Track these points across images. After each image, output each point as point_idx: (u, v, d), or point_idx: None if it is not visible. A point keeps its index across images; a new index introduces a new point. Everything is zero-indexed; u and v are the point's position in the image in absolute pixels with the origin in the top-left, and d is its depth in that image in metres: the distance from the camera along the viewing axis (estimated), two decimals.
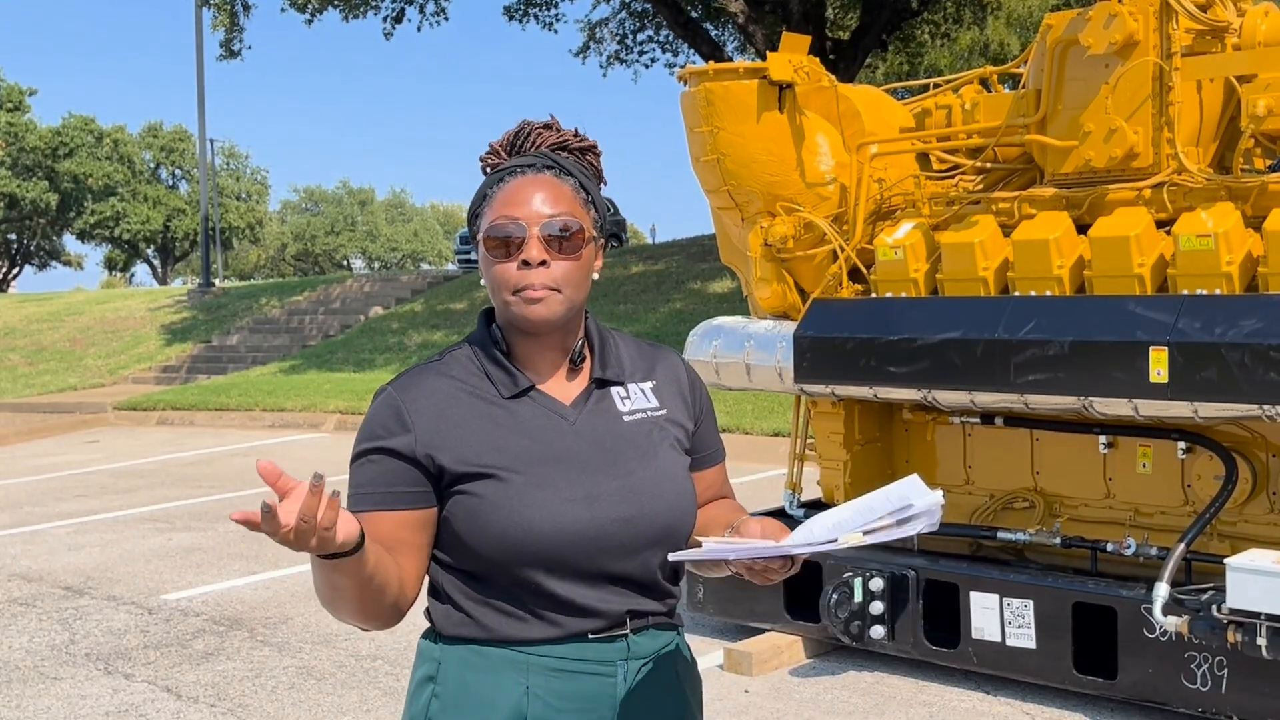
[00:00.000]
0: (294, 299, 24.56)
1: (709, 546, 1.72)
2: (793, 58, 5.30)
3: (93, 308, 27.35)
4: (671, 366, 2.01)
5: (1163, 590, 4.38)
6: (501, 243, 1.82)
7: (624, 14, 25.48)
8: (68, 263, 63.20)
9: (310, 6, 21.42)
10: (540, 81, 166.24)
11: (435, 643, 1.87)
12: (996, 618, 4.85)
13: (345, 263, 73.63)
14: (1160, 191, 4.74)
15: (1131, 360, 4.39)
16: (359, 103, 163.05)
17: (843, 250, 5.37)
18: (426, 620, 1.91)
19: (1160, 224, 4.72)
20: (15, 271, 58.63)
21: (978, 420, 5.34)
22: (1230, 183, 4.60)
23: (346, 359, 19.27)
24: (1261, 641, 4.08)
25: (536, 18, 24.35)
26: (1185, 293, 4.46)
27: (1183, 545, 4.50)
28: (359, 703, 5.21)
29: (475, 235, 1.89)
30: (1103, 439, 5.05)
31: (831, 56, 19.79)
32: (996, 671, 4.94)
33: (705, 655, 5.39)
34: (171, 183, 59.75)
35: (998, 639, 4.86)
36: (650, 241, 43.35)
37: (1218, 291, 4.41)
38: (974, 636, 4.93)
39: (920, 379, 4.95)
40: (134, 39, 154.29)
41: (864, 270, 5.41)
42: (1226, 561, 4.14)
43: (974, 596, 4.91)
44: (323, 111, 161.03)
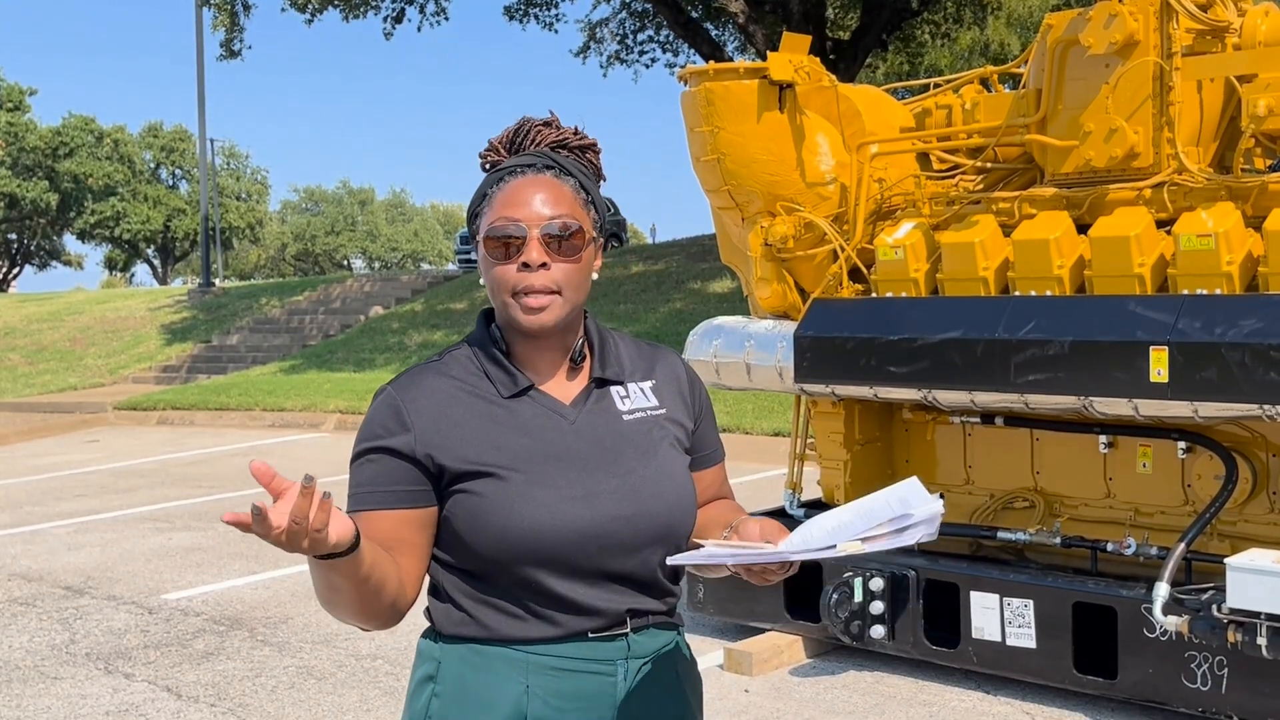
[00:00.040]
0: (294, 299, 24.56)
1: (708, 550, 1.72)
2: (793, 58, 5.30)
3: (93, 307, 27.35)
4: (671, 366, 2.01)
5: (1163, 590, 4.38)
6: (501, 244, 1.81)
7: (624, 14, 25.49)
8: (68, 263, 63.21)
9: (310, 6, 21.42)
10: (540, 81, 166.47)
11: (435, 642, 1.87)
12: (997, 617, 4.85)
13: (345, 263, 73.62)
14: (1160, 191, 4.74)
15: (1132, 360, 4.39)
16: (359, 103, 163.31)
17: (843, 250, 5.37)
18: (426, 620, 1.91)
19: (1160, 224, 4.72)
20: (15, 271, 58.63)
21: (978, 420, 5.35)
22: (1230, 182, 4.60)
23: (347, 359, 19.27)
24: (1262, 641, 4.08)
25: (536, 18, 24.36)
26: (1185, 293, 4.46)
27: (1183, 545, 4.50)
28: (359, 702, 5.21)
29: (475, 235, 1.88)
30: (1103, 439, 5.05)
31: (832, 56, 19.79)
32: (997, 671, 4.94)
33: (705, 655, 5.39)
34: (172, 183, 59.75)
35: (998, 639, 4.86)
36: (650, 241, 43.33)
37: (1218, 291, 4.41)
38: (974, 636, 4.93)
39: (920, 379, 4.95)
40: (134, 39, 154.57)
41: (864, 270, 5.41)
42: (1226, 561, 4.14)
43: (974, 596, 4.91)
44: (323, 111, 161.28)
